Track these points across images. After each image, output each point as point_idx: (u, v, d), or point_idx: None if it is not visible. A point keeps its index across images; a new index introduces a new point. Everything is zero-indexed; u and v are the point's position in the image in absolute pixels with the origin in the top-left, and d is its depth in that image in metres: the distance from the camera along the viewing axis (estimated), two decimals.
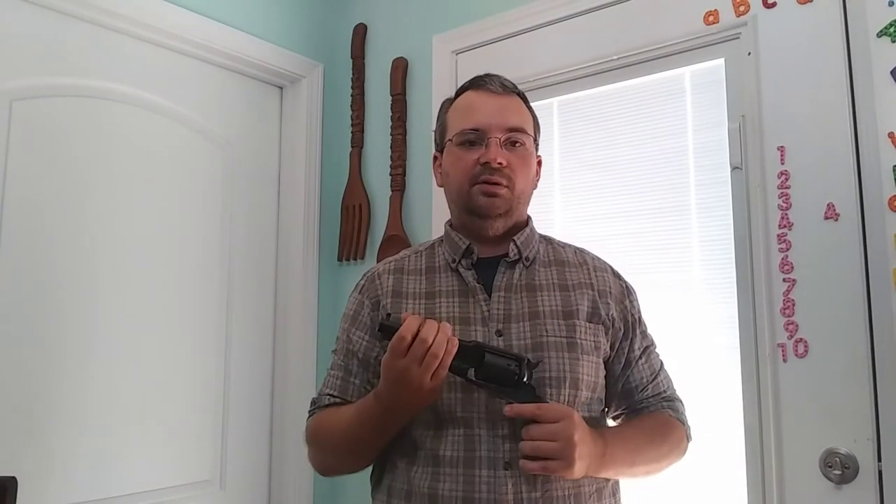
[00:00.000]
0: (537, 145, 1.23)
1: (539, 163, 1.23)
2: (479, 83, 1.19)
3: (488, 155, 1.12)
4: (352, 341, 1.19)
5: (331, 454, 1.18)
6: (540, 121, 1.26)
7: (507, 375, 1.02)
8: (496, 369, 1.02)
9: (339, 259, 2.24)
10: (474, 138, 1.14)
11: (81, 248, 1.71)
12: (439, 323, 1.00)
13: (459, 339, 1.01)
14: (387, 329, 1.01)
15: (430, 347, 0.97)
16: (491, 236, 1.17)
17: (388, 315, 1.06)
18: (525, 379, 1.02)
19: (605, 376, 1.17)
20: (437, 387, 1.01)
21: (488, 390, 1.04)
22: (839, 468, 1.37)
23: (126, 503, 1.73)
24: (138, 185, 1.84)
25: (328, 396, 1.19)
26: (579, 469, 1.00)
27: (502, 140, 1.14)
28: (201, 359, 1.95)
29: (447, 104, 1.25)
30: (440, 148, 1.23)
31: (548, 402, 1.04)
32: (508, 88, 1.19)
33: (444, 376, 1.00)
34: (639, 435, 1.15)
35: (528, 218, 1.23)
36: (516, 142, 1.15)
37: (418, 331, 0.98)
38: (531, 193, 1.22)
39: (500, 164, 1.12)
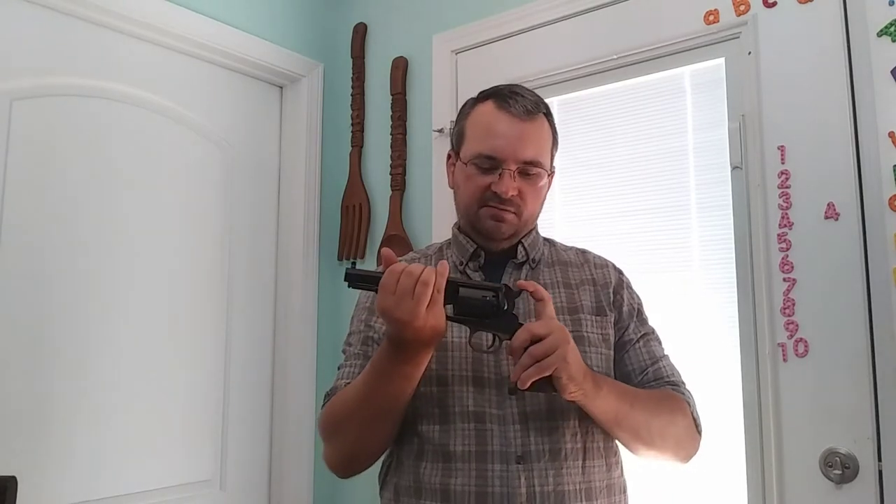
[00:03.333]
0: (553, 158, 1.22)
1: (552, 173, 1.23)
2: (503, 102, 1.15)
3: (500, 187, 1.12)
4: (373, 328, 1.18)
5: (350, 427, 1.09)
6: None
7: (485, 306, 1.01)
8: (473, 301, 1.01)
9: (339, 259, 2.24)
10: (488, 166, 1.13)
11: (81, 247, 1.71)
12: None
13: None
14: (354, 277, 1.00)
15: (418, 278, 0.95)
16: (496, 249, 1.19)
17: (354, 263, 1.05)
18: (506, 308, 1.02)
19: None
20: (439, 322, 0.97)
21: (470, 325, 1.03)
22: (839, 468, 1.37)
23: (126, 503, 1.74)
24: (138, 185, 1.84)
25: (345, 383, 1.14)
26: (575, 365, 0.98)
27: (515, 171, 1.13)
28: (201, 358, 1.95)
29: (468, 109, 1.22)
30: (455, 151, 1.22)
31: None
32: (531, 112, 1.14)
33: (442, 307, 0.97)
34: (634, 388, 1.14)
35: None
36: (530, 173, 1.15)
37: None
38: (539, 213, 1.23)
39: (511, 196, 1.12)
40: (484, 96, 1.20)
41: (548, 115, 1.19)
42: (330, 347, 2.17)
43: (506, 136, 1.13)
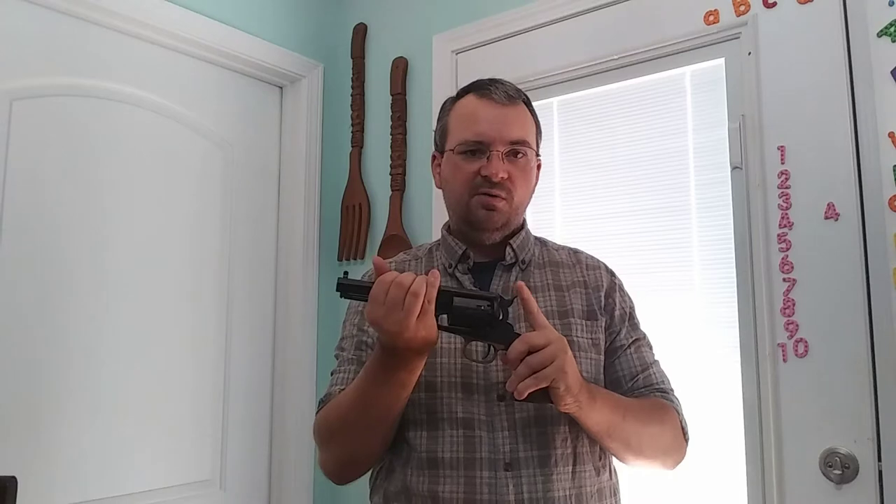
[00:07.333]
0: (538, 146, 1.22)
1: (538, 166, 1.23)
2: (483, 90, 1.17)
3: (490, 169, 1.11)
4: (366, 332, 1.18)
5: (345, 433, 1.08)
6: (540, 121, 1.25)
7: (479, 317, 0.99)
8: (468, 311, 0.99)
9: (339, 259, 2.24)
10: (476, 149, 1.13)
11: (81, 247, 1.71)
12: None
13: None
14: (346, 287, 1.00)
15: (408, 290, 0.93)
16: (488, 245, 1.18)
17: (346, 273, 1.05)
18: (501, 317, 1.00)
19: None
20: (430, 333, 0.96)
21: (465, 335, 1.02)
22: (839, 468, 1.37)
23: (126, 503, 1.73)
24: (138, 185, 1.84)
25: (339, 389, 1.13)
26: (572, 377, 0.96)
27: (504, 153, 1.13)
28: (201, 359, 1.95)
29: (449, 105, 1.23)
30: (440, 149, 1.23)
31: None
32: (512, 97, 1.16)
33: (433, 318, 0.96)
34: (626, 398, 1.13)
35: (524, 221, 1.23)
36: (518, 153, 1.14)
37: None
38: (529, 201, 1.22)
39: (501, 178, 1.12)
40: (464, 91, 1.21)
41: (528, 103, 1.20)
42: (330, 347, 2.14)
43: (490, 120, 1.13)
